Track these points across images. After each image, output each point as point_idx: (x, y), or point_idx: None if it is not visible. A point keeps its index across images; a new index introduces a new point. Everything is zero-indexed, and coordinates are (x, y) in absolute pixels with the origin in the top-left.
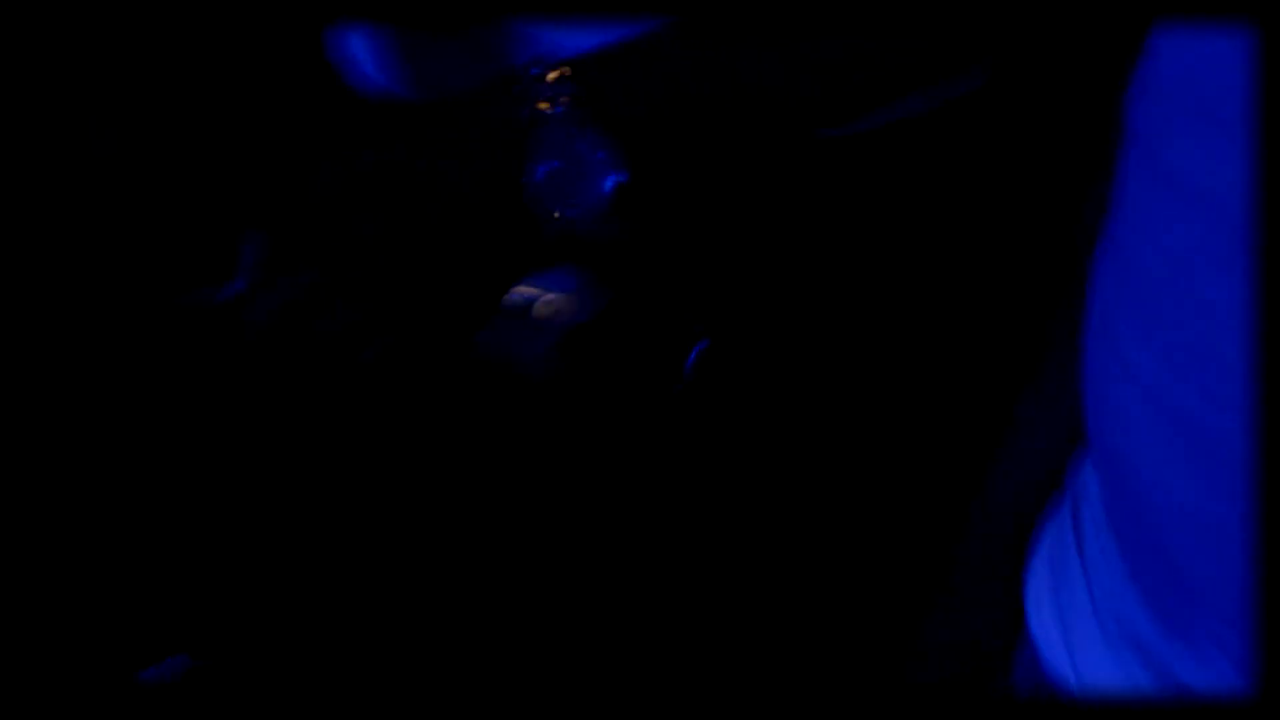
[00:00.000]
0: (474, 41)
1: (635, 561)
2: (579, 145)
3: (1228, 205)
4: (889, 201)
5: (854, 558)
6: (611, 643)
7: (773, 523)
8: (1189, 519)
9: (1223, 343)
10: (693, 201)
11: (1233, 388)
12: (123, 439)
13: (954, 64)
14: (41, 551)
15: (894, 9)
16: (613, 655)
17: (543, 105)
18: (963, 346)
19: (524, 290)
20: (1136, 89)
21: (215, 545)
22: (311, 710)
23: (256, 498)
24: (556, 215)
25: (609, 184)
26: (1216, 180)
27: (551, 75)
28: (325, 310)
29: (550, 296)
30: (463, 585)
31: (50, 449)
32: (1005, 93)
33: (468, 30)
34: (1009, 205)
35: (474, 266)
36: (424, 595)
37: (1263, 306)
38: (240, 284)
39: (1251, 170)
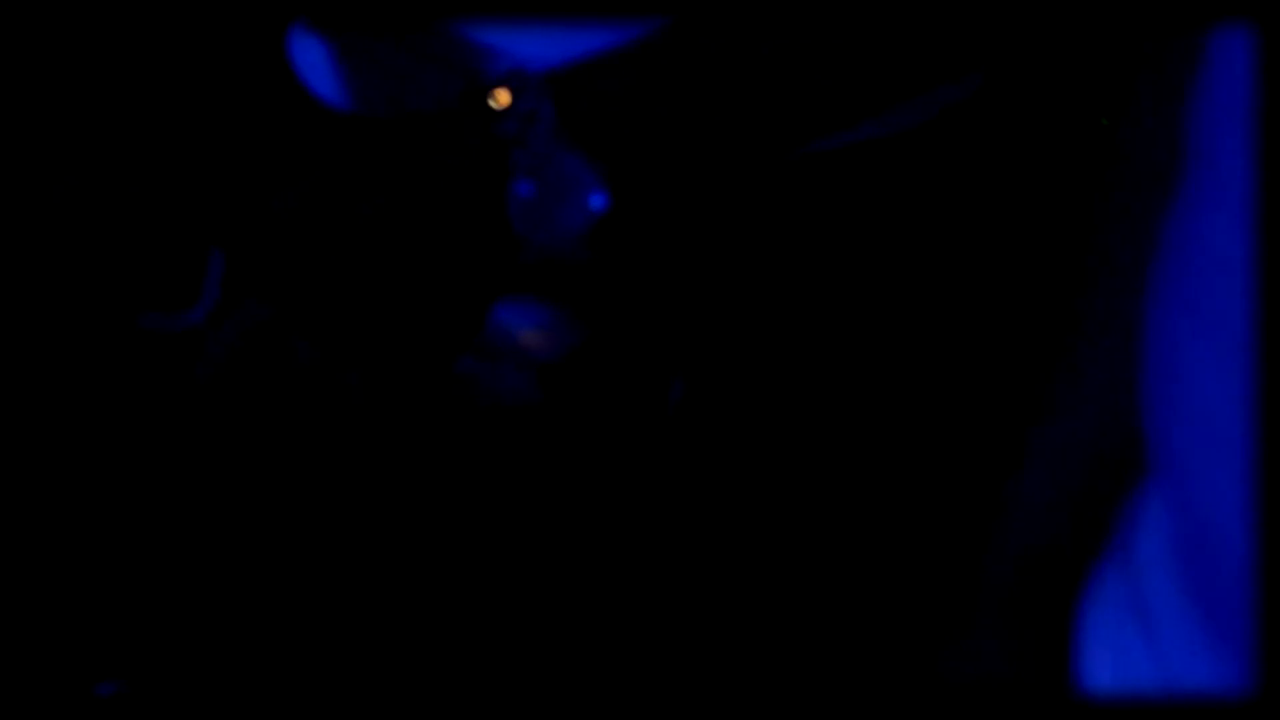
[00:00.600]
0: (434, 53)
1: (620, 598)
2: (559, 165)
3: None
4: (882, 219)
5: (857, 599)
6: (594, 685)
7: (764, 569)
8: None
9: None
10: (677, 226)
11: None
12: (78, 468)
13: (947, 71)
14: None
15: (882, 14)
16: (594, 697)
17: (520, 122)
18: (966, 373)
19: (502, 319)
20: (1197, 104)
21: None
22: None
23: (219, 533)
24: (535, 239)
25: (591, 207)
26: None
27: (528, 90)
28: (292, 338)
29: (528, 327)
30: (441, 617)
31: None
32: (1001, 101)
33: (425, 40)
34: (1009, 222)
35: (449, 293)
36: (402, 629)
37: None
38: (202, 309)
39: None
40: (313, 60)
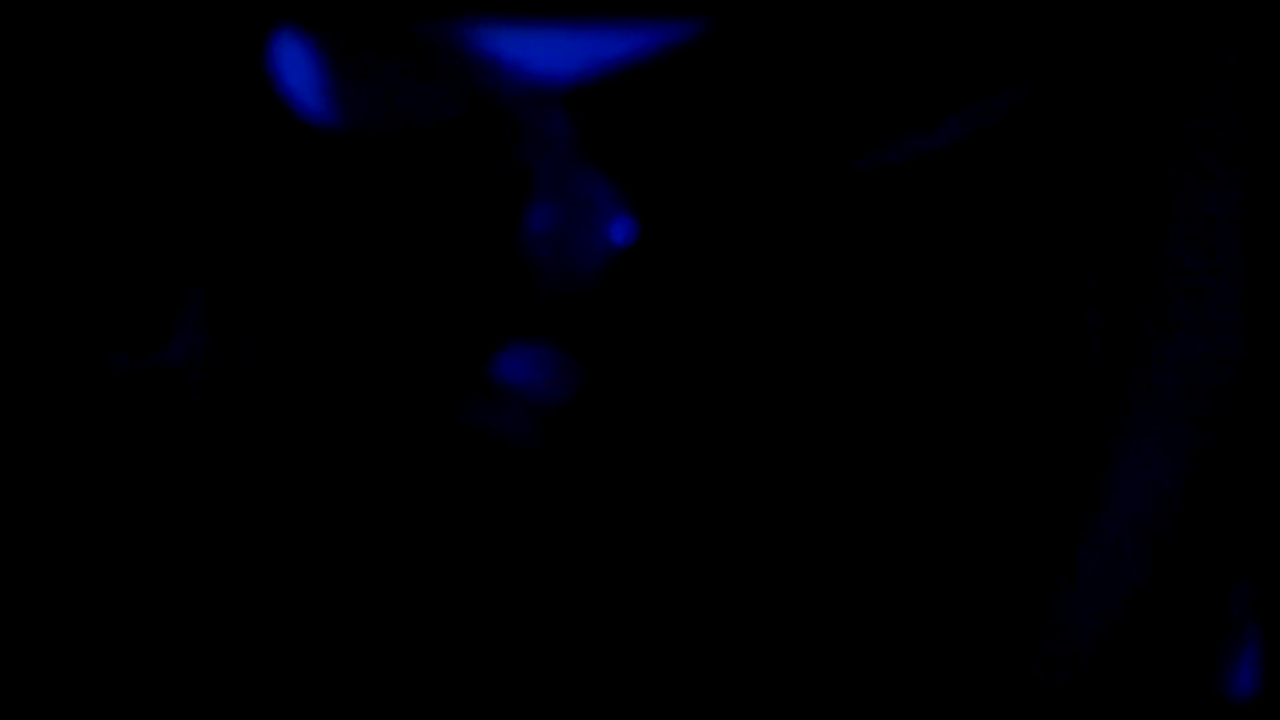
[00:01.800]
0: (437, 64)
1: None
2: (578, 191)
3: None
4: (922, 246)
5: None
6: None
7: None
8: None
9: None
10: (707, 261)
11: None
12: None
13: (994, 80)
14: None
15: (926, 21)
16: None
17: (534, 142)
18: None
19: (511, 358)
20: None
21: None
22: None
23: (199, 591)
24: (550, 274)
25: (614, 238)
26: None
27: (543, 106)
28: (281, 379)
29: (535, 372)
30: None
31: None
32: (1054, 114)
33: (426, 50)
34: (1061, 248)
35: (452, 333)
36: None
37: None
38: (179, 346)
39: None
40: (298, 71)
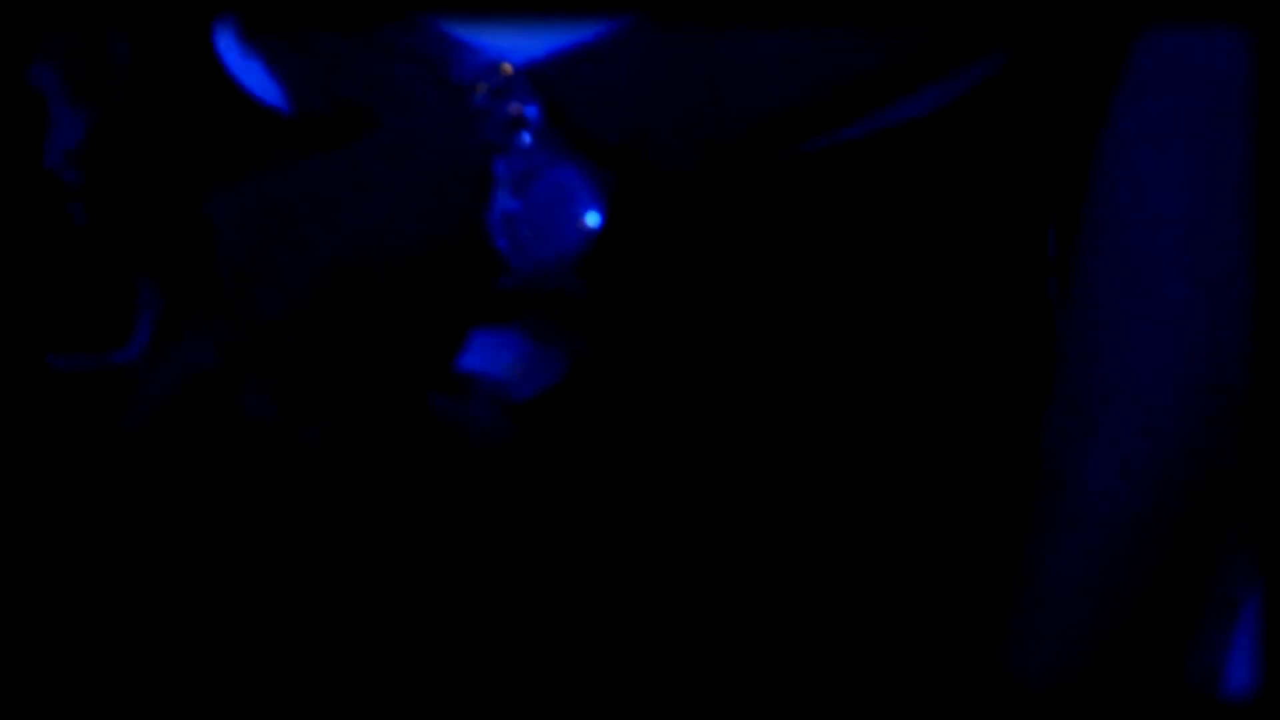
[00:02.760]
0: (397, 44)
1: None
2: (549, 176)
3: None
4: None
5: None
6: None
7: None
8: None
9: None
10: (672, 244)
11: None
12: None
13: (959, 53)
14: None
15: None
16: None
17: (503, 125)
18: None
19: (479, 348)
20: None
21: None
22: None
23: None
24: (520, 262)
25: (586, 224)
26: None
27: (512, 88)
28: (241, 380)
29: (505, 361)
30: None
31: None
32: (1020, 87)
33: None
34: (1032, 219)
35: (417, 322)
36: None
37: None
38: (134, 347)
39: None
40: (246, 55)
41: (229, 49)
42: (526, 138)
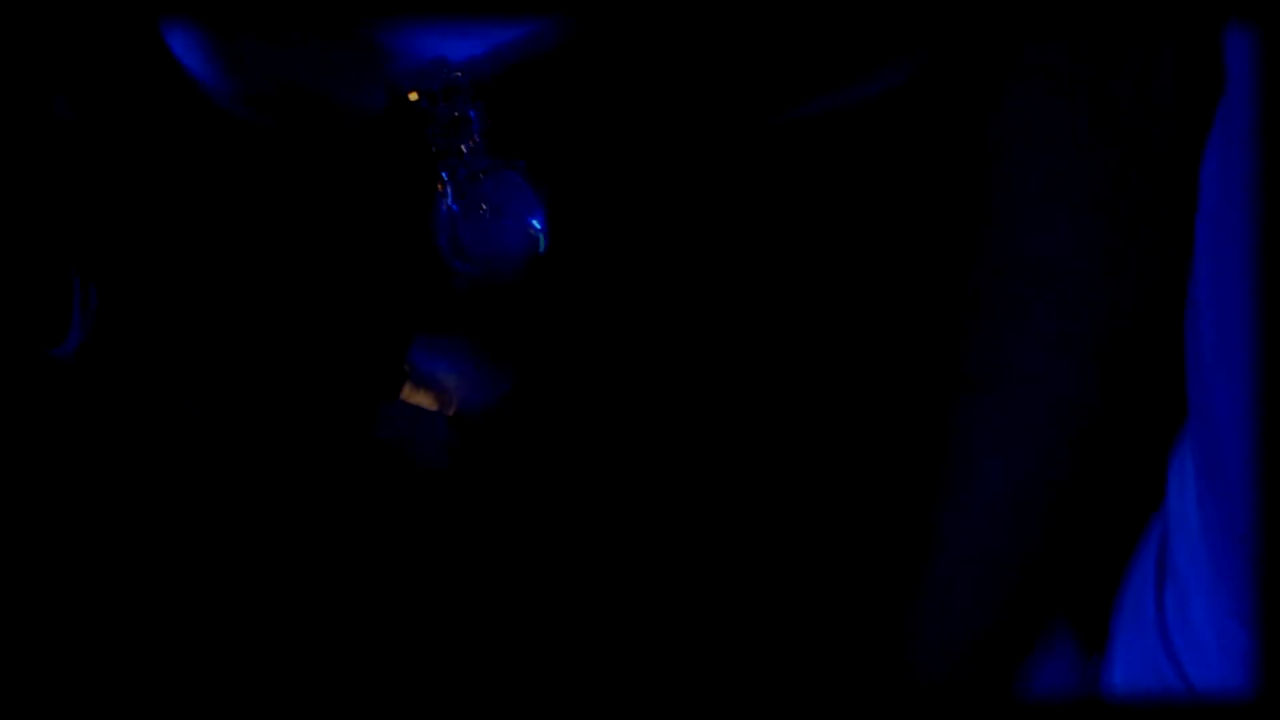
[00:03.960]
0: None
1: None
2: (495, 181)
3: None
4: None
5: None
6: None
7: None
8: None
9: None
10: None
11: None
12: None
13: (875, 58)
14: None
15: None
16: None
17: (447, 129)
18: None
19: (419, 360)
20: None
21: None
22: None
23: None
24: (465, 267)
25: (532, 229)
26: None
27: (457, 93)
28: (178, 382)
29: (449, 370)
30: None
31: None
32: (932, 89)
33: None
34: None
35: (361, 329)
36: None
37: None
38: (69, 344)
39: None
40: (196, 53)
41: (183, 44)
42: (471, 141)
